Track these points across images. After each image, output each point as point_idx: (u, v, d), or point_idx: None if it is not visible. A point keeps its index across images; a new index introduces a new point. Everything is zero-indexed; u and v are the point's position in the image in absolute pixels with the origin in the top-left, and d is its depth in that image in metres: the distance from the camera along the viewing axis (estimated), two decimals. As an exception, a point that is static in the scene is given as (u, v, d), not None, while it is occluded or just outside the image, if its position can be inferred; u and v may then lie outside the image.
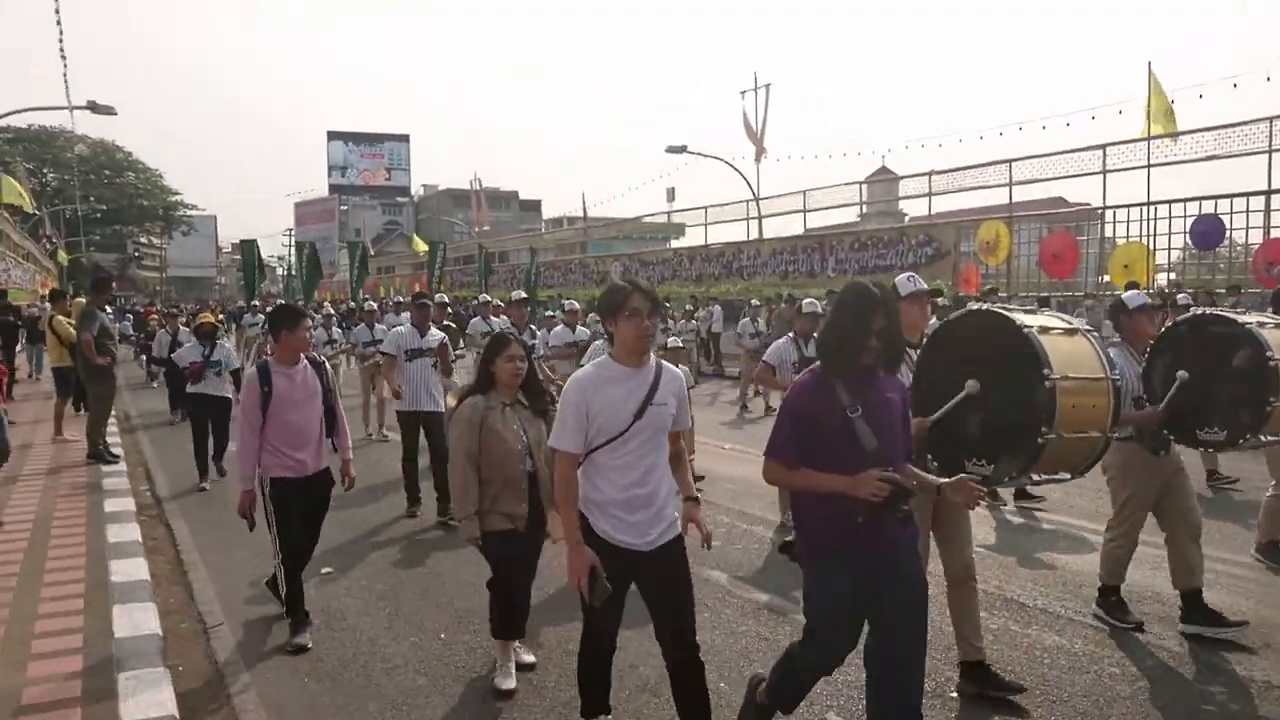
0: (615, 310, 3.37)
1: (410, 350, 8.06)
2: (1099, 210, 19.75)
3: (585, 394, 3.37)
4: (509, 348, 4.49)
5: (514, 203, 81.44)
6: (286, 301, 21.05)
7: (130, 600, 5.58)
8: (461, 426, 4.41)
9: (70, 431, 11.83)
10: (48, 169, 61.91)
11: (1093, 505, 7.74)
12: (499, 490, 4.38)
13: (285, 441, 5.05)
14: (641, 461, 3.42)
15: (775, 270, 26.18)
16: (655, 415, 3.40)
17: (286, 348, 5.18)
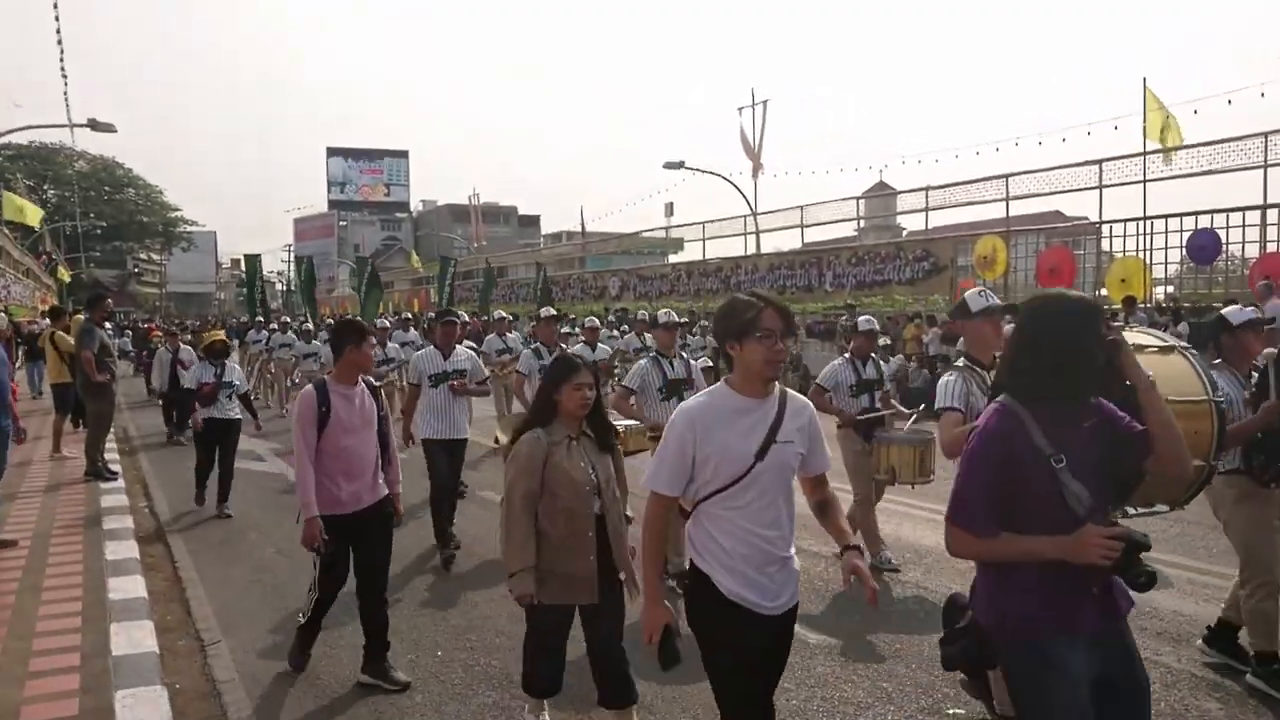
0: (744, 332, 2.81)
1: (435, 375, 7.32)
2: (1096, 225, 19.82)
3: (695, 429, 2.83)
4: (576, 374, 3.85)
5: (513, 218, 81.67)
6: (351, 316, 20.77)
7: (128, 618, 5.58)
8: (521, 464, 3.77)
9: (69, 448, 11.84)
10: (48, 185, 62.10)
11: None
12: (562, 540, 3.77)
13: (339, 470, 4.60)
14: (765, 512, 2.87)
15: (773, 285, 26.22)
16: (780, 455, 2.85)
17: (349, 366, 4.70)
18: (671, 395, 6.46)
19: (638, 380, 6.67)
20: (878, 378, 7.09)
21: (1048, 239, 21.00)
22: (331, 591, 4.82)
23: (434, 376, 7.31)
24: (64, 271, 46.51)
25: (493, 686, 4.74)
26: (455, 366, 7.36)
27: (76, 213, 55.93)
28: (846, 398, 6.97)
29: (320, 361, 15.04)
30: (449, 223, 74.34)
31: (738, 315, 2.85)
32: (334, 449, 4.56)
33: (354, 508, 4.63)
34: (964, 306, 4.33)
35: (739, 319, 2.84)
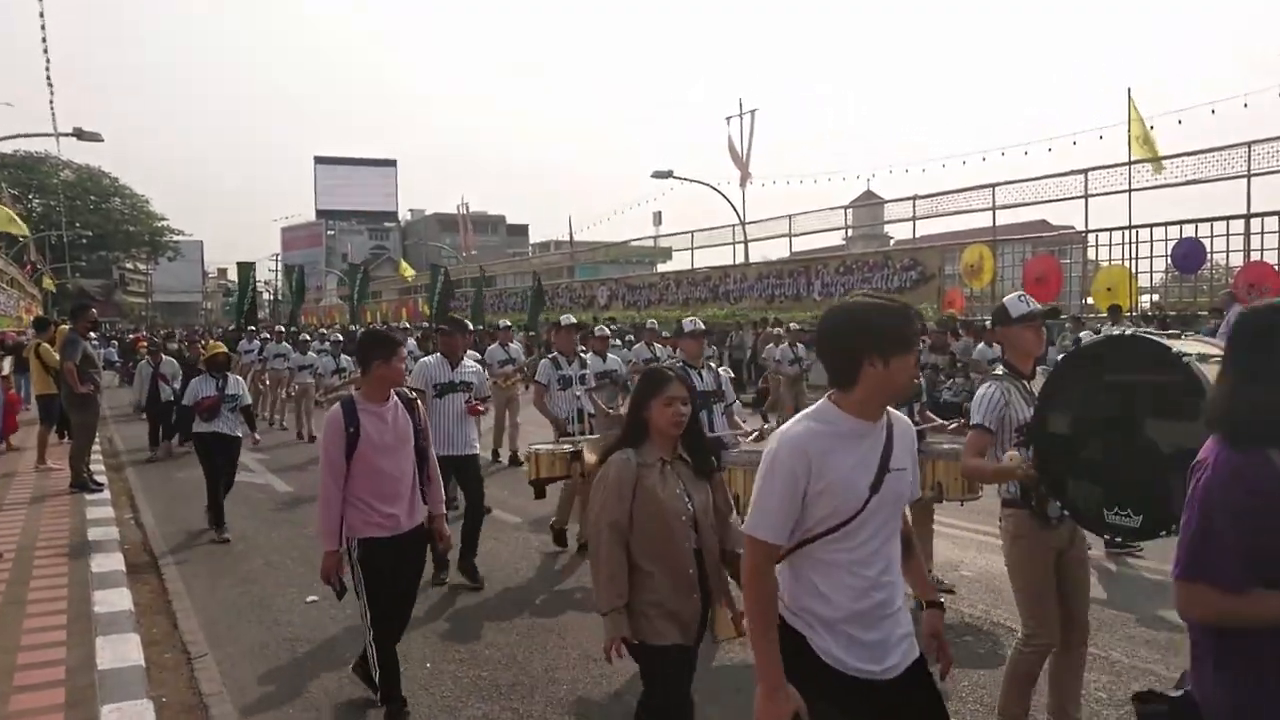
0: (900, 345, 2.36)
1: (441, 384, 6.87)
2: (1082, 234, 19.95)
3: (808, 459, 2.36)
4: (668, 386, 3.33)
5: (501, 227, 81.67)
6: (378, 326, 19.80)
7: (113, 631, 5.53)
8: (609, 490, 3.27)
9: (54, 460, 11.75)
10: (33, 195, 61.76)
11: None
12: (659, 578, 3.23)
13: (374, 493, 4.23)
14: (878, 555, 2.45)
15: (761, 294, 26.29)
16: (894, 485, 2.45)
17: (378, 382, 4.32)
18: (701, 409, 5.87)
19: None
20: (915, 391, 6.71)
21: (1034, 248, 21.10)
22: (388, 629, 4.36)
23: (439, 386, 6.86)
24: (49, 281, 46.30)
25: (482, 699, 4.71)
26: (463, 378, 6.95)
27: (62, 222, 55.67)
28: None
29: (316, 372, 14.81)
30: (437, 232, 74.27)
31: (892, 325, 2.38)
32: (366, 471, 4.20)
33: (393, 531, 4.27)
34: (1003, 312, 4.06)
35: (895, 330, 2.38)
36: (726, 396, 6.41)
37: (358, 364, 4.55)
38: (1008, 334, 4.07)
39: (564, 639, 5.55)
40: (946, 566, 6.93)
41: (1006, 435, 3.80)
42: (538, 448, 6.89)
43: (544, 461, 6.71)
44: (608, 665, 5.01)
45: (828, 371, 2.48)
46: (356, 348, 4.48)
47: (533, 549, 7.81)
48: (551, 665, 5.10)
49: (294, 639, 5.67)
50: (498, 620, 5.94)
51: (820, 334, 2.52)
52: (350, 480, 4.19)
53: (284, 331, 20.21)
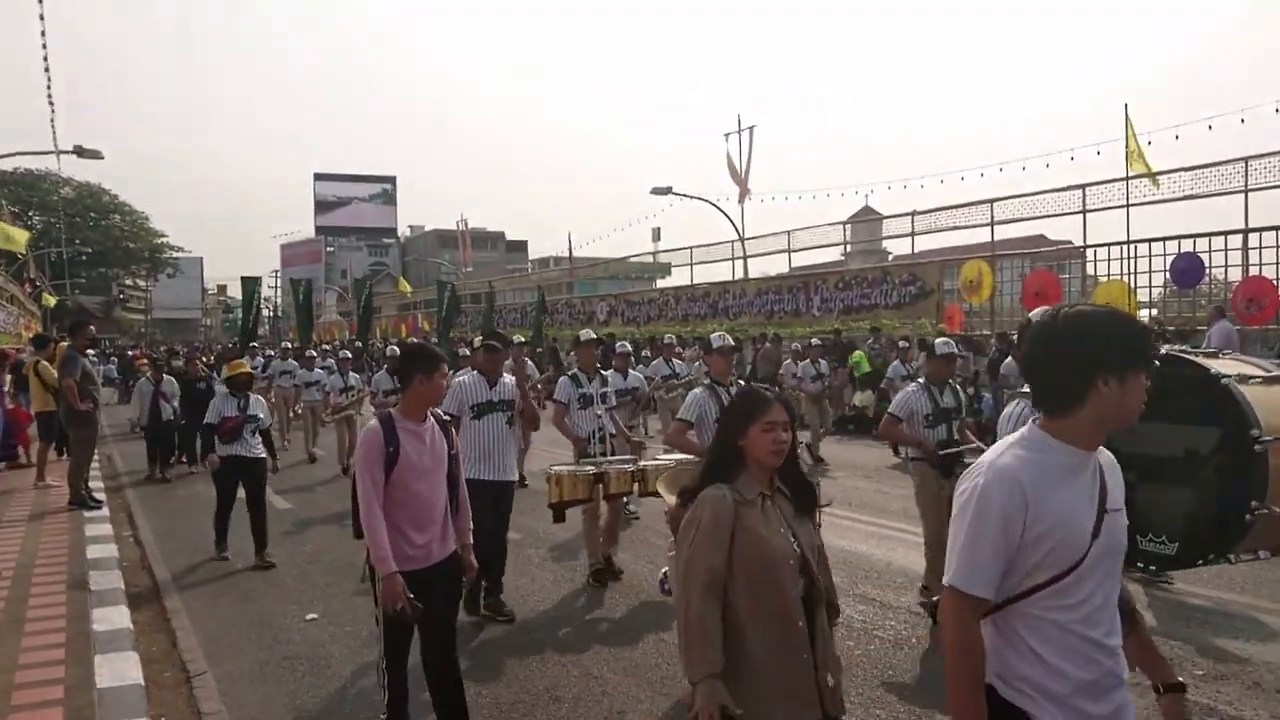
0: (1136, 361, 2.03)
1: (479, 405, 6.37)
2: (1080, 249, 19.98)
3: (1024, 496, 1.98)
4: (766, 410, 2.84)
5: (500, 243, 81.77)
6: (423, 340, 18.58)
7: (112, 649, 5.51)
8: (703, 534, 2.72)
9: (53, 477, 11.72)
10: (34, 212, 61.81)
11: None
12: (760, 634, 2.69)
13: (408, 519, 3.97)
14: (1102, 613, 2.07)
15: (761, 310, 26.30)
16: (1113, 530, 2.09)
17: (419, 399, 4.08)
18: None
19: (695, 411, 6.06)
20: (956, 406, 6.41)
21: (1033, 263, 21.10)
22: (404, 663, 4.10)
23: (478, 406, 6.36)
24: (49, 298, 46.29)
25: (483, 717, 4.68)
26: (502, 396, 6.47)
27: (62, 239, 55.74)
28: (921, 429, 6.29)
29: (324, 390, 14.49)
30: (436, 248, 74.34)
31: (1129, 336, 2.05)
32: (402, 495, 3.94)
33: (425, 563, 3.99)
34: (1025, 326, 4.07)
35: (1133, 342, 2.05)
36: None
37: (399, 380, 4.24)
38: None
39: (565, 657, 5.53)
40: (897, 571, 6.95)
41: None
42: (559, 469, 6.58)
43: (566, 484, 6.43)
44: (610, 684, 5.01)
45: (1038, 391, 2.14)
46: (400, 362, 4.24)
47: (533, 565, 7.79)
48: (553, 684, 5.08)
49: (293, 657, 5.64)
50: (499, 638, 5.91)
51: (1037, 346, 2.13)
52: (387, 503, 3.92)
53: (289, 348, 19.84)
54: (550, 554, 8.01)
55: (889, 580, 7.03)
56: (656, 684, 5.03)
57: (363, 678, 5.28)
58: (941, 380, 6.41)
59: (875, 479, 11.72)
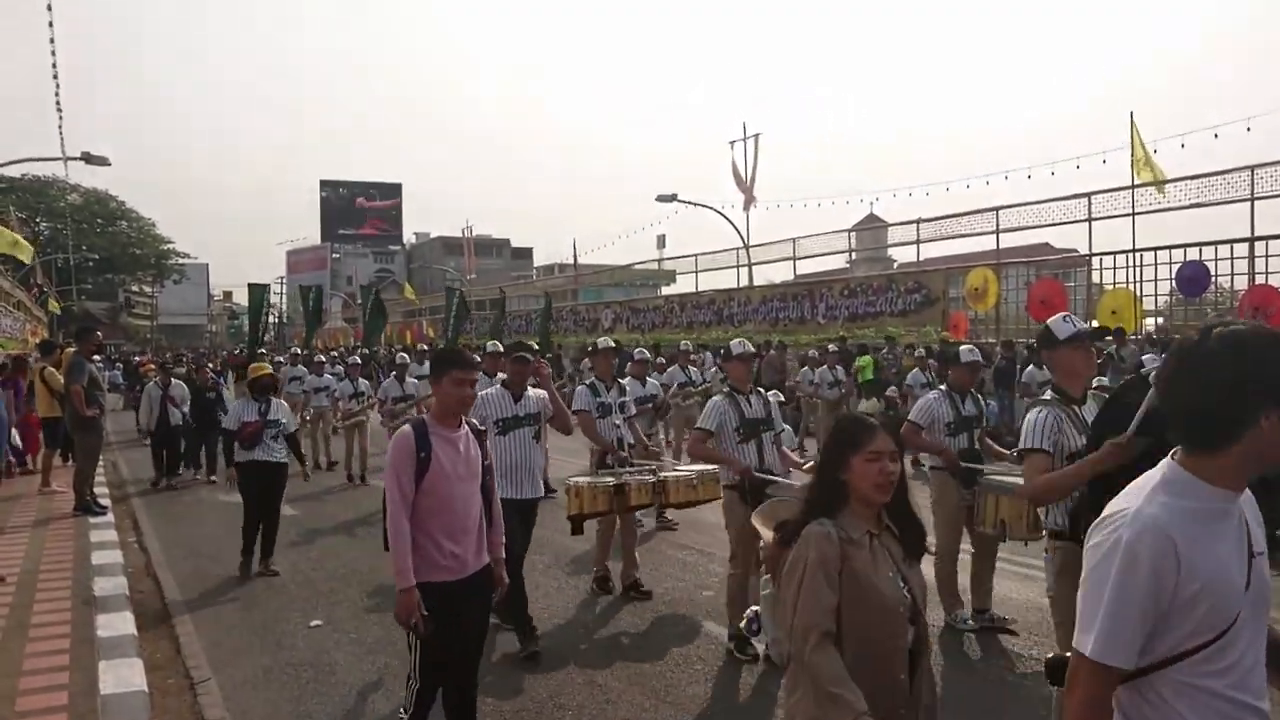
0: None
1: (505, 420, 5.94)
2: (1086, 257, 19.97)
3: (1175, 551, 1.71)
4: (872, 437, 2.58)
5: (505, 250, 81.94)
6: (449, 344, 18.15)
7: (116, 655, 5.51)
8: (812, 575, 2.45)
9: (57, 483, 11.74)
10: (41, 218, 62.05)
11: None
12: (870, 687, 2.38)
13: (441, 529, 3.81)
14: (1254, 672, 1.82)
15: (766, 317, 26.31)
16: (1261, 576, 1.83)
17: (449, 404, 3.93)
18: (750, 438, 5.66)
19: (714, 420, 5.69)
20: (978, 414, 6.31)
21: (1038, 271, 21.12)
22: (435, 679, 3.92)
23: (504, 422, 5.93)
24: (54, 304, 46.44)
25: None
26: (528, 410, 6.04)
27: (69, 245, 55.90)
28: (942, 437, 6.15)
29: (333, 396, 14.20)
30: (441, 255, 74.48)
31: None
32: (434, 503, 3.79)
33: (458, 574, 3.84)
34: (1049, 335, 3.87)
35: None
36: (776, 425, 5.87)
37: (430, 383, 4.09)
38: (1055, 357, 3.94)
39: (571, 666, 5.51)
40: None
41: (1057, 464, 3.64)
42: (578, 480, 6.43)
43: (585, 495, 6.25)
44: (615, 693, 5.00)
45: (1181, 423, 1.82)
46: (431, 364, 4.10)
47: (536, 572, 7.77)
48: (556, 691, 5.07)
49: (298, 664, 5.63)
50: (503, 647, 5.90)
51: (1183, 370, 1.82)
52: (414, 513, 3.78)
53: (298, 354, 19.58)
54: (561, 563, 7.97)
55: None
56: (661, 693, 5.02)
57: (367, 684, 5.28)
58: (964, 388, 6.32)
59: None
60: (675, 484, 6.40)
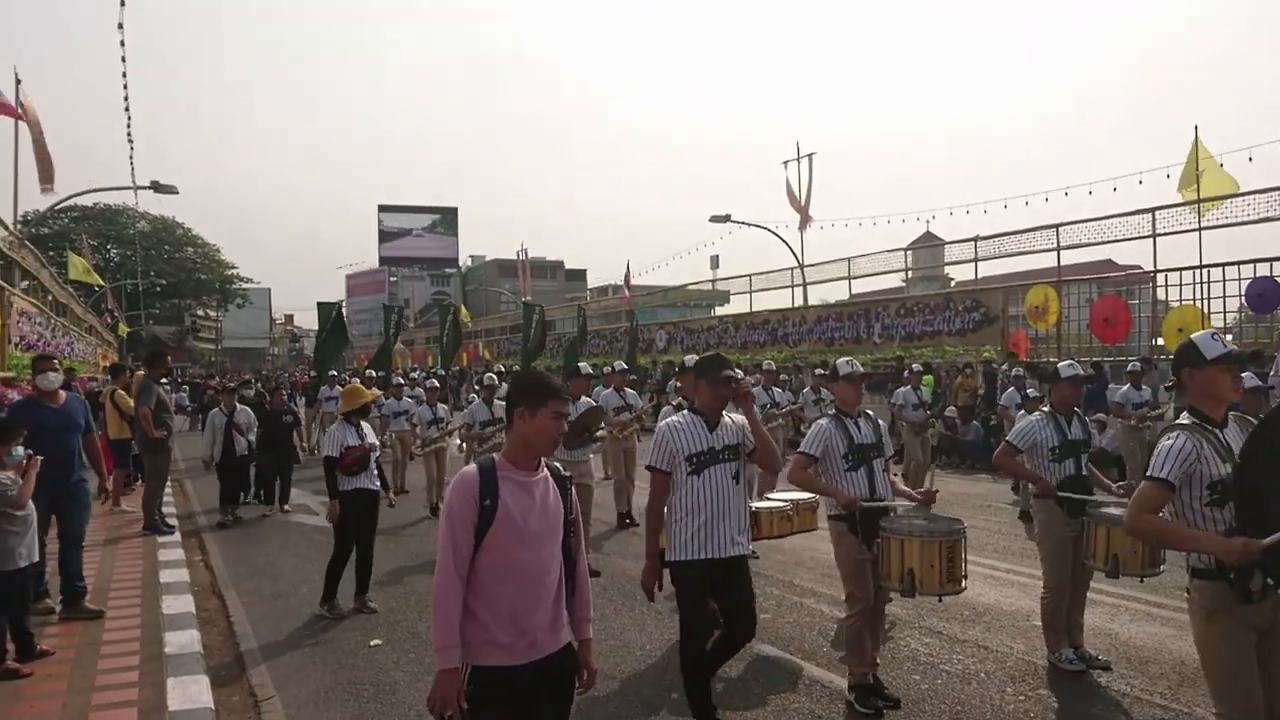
0: None
1: (698, 455, 5.20)
2: (1150, 273, 19.53)
3: None
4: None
5: (559, 272, 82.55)
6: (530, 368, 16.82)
7: (183, 672, 5.64)
8: None
9: (127, 503, 12.06)
10: (111, 245, 64.11)
11: None
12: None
13: (506, 598, 2.96)
14: None
15: (821, 337, 26.12)
16: None
17: (524, 441, 3.08)
18: (859, 465, 5.22)
19: (819, 445, 5.24)
20: (1085, 438, 5.84)
21: (1100, 288, 20.69)
22: None
23: (696, 457, 5.01)
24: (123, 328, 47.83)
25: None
26: (726, 442, 5.20)
27: (138, 271, 57.66)
28: (1046, 463, 5.71)
29: (411, 421, 13.66)
30: (496, 277, 75.30)
31: None
32: (499, 565, 2.96)
33: (527, 657, 2.97)
34: (1195, 353, 3.54)
35: None
36: (887, 450, 5.44)
37: (505, 410, 3.23)
38: (1200, 377, 3.57)
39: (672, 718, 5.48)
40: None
41: (1194, 492, 3.41)
42: None
43: None
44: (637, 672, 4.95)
45: None
46: (509, 388, 3.28)
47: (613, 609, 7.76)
48: (614, 713, 5.03)
49: (358, 682, 5.70)
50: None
51: None
52: (473, 575, 2.96)
53: (374, 377, 19.13)
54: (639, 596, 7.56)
55: (955, 613, 6.88)
56: None
57: (426, 704, 5.31)
58: (1067, 408, 5.87)
59: (983, 513, 11.49)
60: (768, 515, 5.92)
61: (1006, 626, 6.57)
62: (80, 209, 58.38)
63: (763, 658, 5.99)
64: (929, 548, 4.84)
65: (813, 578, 8.06)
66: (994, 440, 16.94)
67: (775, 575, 8.18)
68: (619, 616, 7.07)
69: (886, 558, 4.95)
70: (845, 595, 5.29)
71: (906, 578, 4.85)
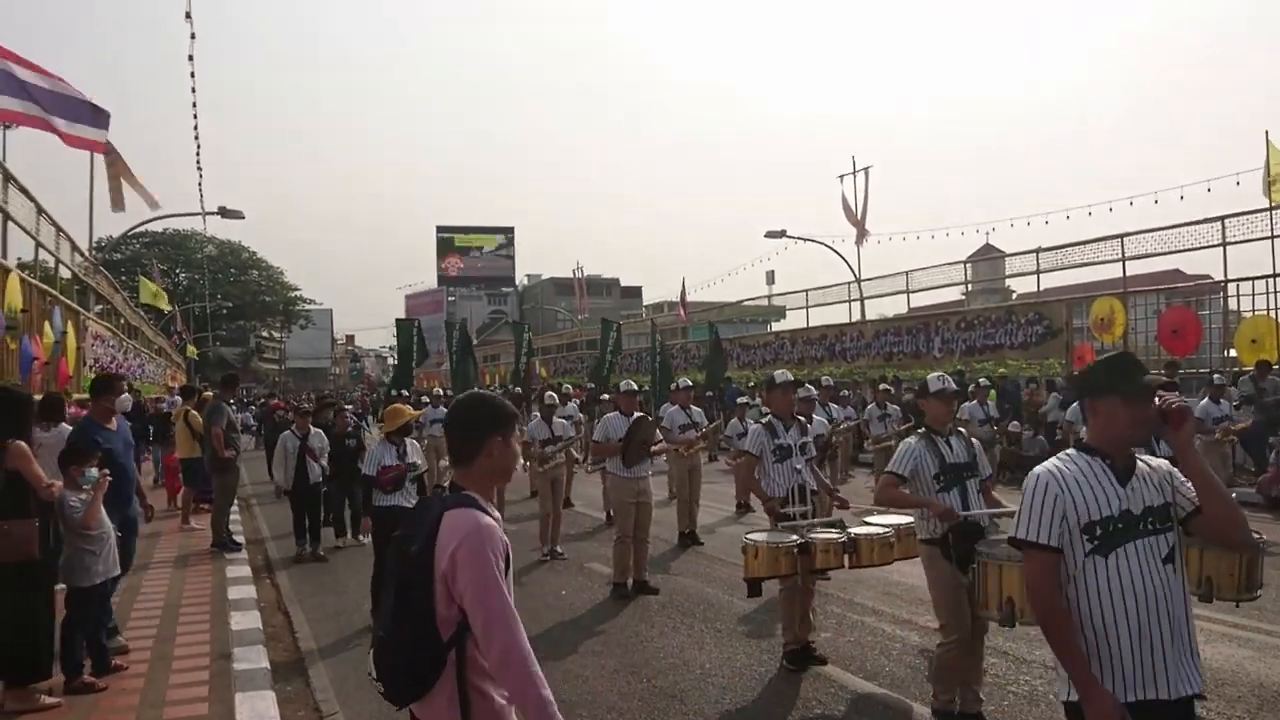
0: None
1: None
2: (1220, 283, 19.00)
3: None
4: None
5: (615, 289, 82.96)
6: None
7: (251, 688, 5.74)
8: None
9: (196, 521, 12.35)
10: (180, 269, 66.01)
11: None
12: None
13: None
14: None
15: (879, 352, 25.85)
16: None
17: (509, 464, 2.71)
18: (952, 485, 4.98)
19: (909, 465, 5.04)
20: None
21: (1168, 299, 20.18)
22: None
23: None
24: (192, 350, 49.16)
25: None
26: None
27: (205, 294, 59.29)
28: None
29: None
30: (553, 296, 75.96)
31: None
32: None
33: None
34: None
35: None
36: (982, 469, 5.16)
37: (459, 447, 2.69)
38: None
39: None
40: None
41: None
42: (756, 538, 5.72)
43: (765, 556, 5.57)
44: None
45: None
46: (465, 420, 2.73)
47: (704, 637, 7.73)
48: None
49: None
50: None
51: None
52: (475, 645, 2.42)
53: (440, 395, 19.28)
54: (732, 627, 7.31)
55: (1021, 633, 6.70)
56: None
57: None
58: (940, 425, 5.28)
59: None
60: (868, 542, 5.56)
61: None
62: (150, 234, 60.31)
63: (823, 677, 5.90)
64: (1226, 557, 4.36)
65: (873, 595, 7.95)
66: (1059, 455, 16.63)
67: (835, 594, 8.08)
68: (677, 634, 7.06)
69: (984, 585, 4.37)
70: (939, 625, 5.01)
71: (1005, 606, 4.25)
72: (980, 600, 4.40)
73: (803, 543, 5.58)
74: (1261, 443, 13.85)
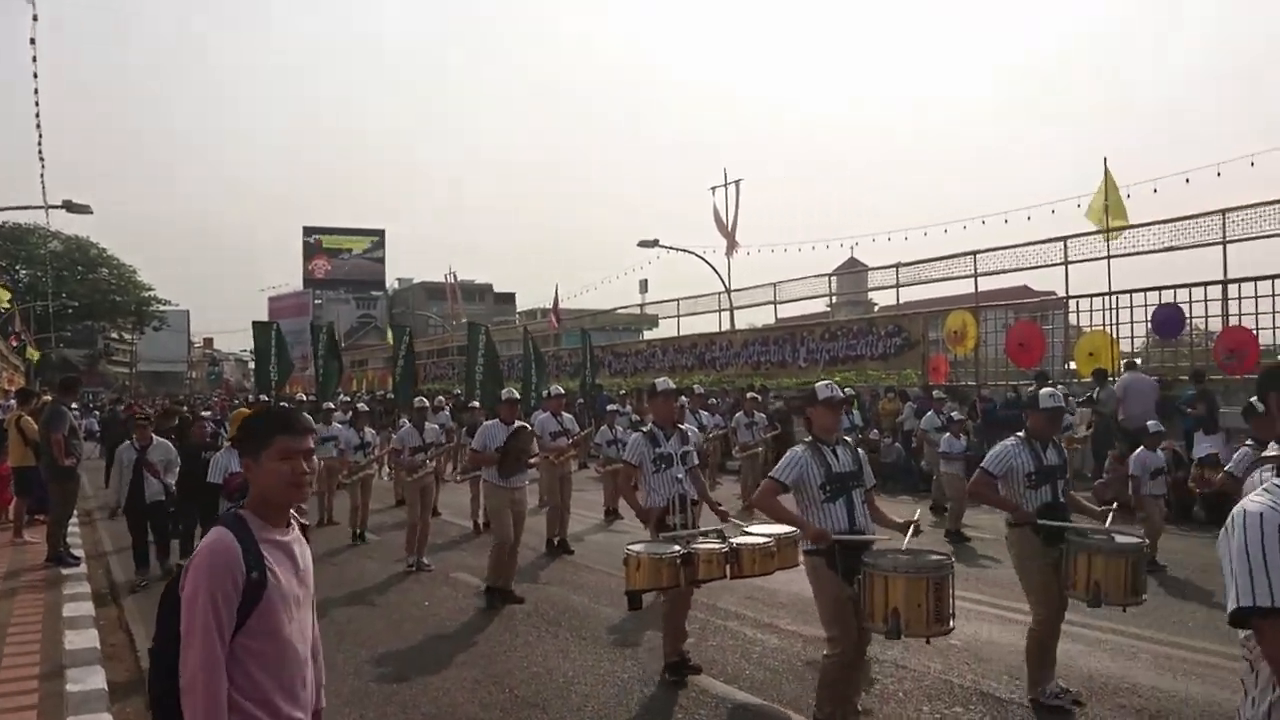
0: None
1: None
2: (1063, 299, 20.17)
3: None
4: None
5: (488, 295, 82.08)
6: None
7: (85, 710, 5.43)
8: None
9: (30, 534, 11.57)
10: (20, 265, 61.89)
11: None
12: None
13: (278, 686, 2.44)
14: None
15: (747, 361, 26.38)
16: None
17: (278, 486, 2.64)
18: (838, 495, 4.92)
19: (793, 473, 4.96)
20: (1060, 464, 5.63)
21: (1016, 313, 21.29)
22: None
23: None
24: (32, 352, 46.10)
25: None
26: None
27: (49, 293, 55.73)
28: (1023, 489, 5.50)
29: (339, 447, 12.86)
30: (424, 300, 74.58)
31: None
32: (267, 648, 2.42)
33: None
34: None
35: None
36: (867, 479, 5.17)
37: (240, 455, 2.83)
38: None
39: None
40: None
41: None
42: (637, 550, 5.51)
43: (647, 568, 5.34)
44: None
45: None
46: (243, 431, 2.81)
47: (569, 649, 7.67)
48: None
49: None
50: (480, 696, 5.80)
51: None
52: (231, 662, 2.35)
53: (304, 400, 18.55)
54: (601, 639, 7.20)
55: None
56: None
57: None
58: (1045, 436, 5.63)
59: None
60: (750, 552, 5.44)
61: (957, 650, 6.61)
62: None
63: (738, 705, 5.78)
64: (915, 585, 4.39)
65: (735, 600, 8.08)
66: (913, 462, 17.33)
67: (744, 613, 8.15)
68: (542, 644, 7.02)
69: (869, 596, 4.47)
70: (826, 637, 4.92)
71: (891, 618, 4.34)
72: (866, 612, 4.47)
73: (685, 554, 5.39)
74: (1102, 449, 14.75)
